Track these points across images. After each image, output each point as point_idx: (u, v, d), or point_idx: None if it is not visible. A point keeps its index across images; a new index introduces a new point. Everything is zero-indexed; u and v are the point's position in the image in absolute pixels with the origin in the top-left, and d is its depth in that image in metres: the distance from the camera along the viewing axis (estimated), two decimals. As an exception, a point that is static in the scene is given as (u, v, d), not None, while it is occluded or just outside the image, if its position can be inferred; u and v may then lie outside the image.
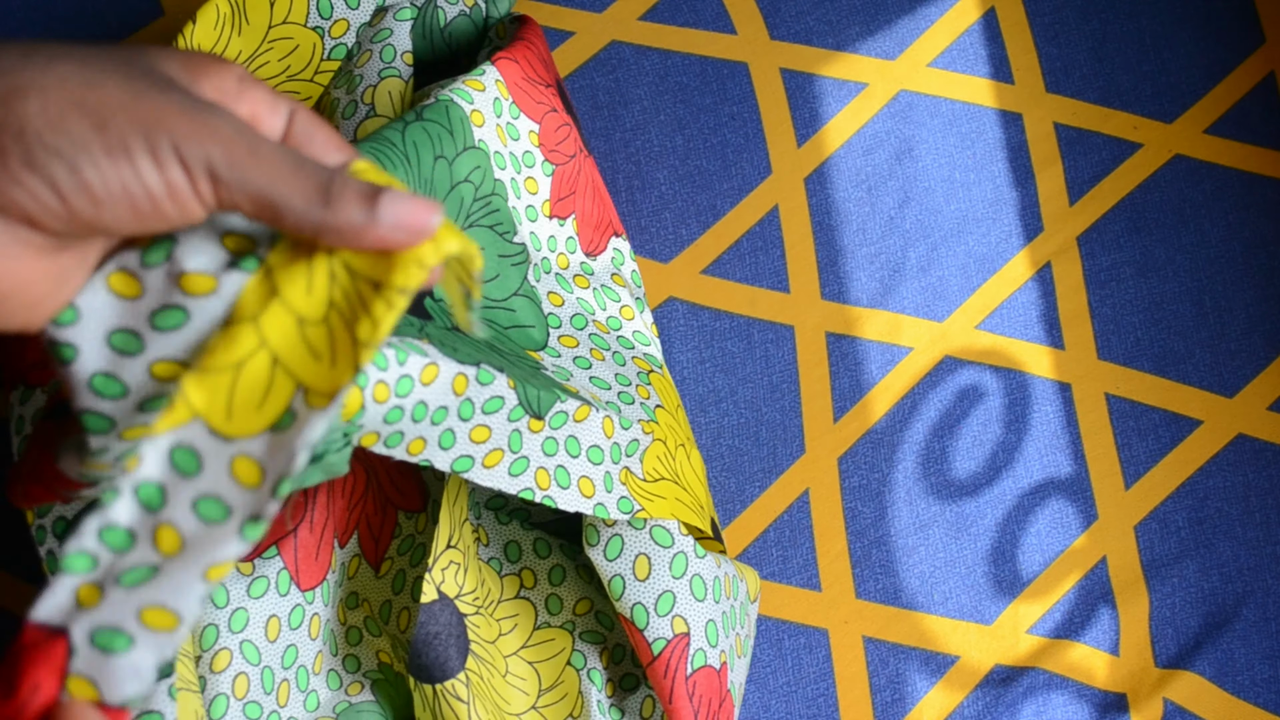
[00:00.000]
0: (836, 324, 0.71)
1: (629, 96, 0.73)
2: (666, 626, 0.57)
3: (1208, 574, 0.68)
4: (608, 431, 0.55)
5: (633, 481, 0.56)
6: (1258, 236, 0.72)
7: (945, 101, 0.74)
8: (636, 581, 0.57)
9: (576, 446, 0.53)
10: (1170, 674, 0.66)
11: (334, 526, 0.62)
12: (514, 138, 0.61)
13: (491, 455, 0.50)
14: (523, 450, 0.51)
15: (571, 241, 0.64)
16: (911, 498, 0.69)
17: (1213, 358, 0.71)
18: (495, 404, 0.50)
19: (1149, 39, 0.74)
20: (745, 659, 0.62)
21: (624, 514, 0.54)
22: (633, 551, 0.57)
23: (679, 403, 0.63)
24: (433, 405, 0.46)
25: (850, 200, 0.72)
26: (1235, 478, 0.69)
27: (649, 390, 0.60)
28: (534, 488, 0.51)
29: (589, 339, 0.61)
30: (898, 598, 0.68)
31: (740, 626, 0.61)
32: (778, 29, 0.74)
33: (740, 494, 0.69)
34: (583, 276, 0.64)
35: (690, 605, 0.57)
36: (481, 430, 0.49)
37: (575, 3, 0.75)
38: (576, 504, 0.52)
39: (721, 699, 0.58)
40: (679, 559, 0.57)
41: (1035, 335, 0.71)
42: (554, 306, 0.62)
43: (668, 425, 0.60)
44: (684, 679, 0.57)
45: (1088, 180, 0.73)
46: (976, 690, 0.66)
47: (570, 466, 0.53)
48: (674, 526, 0.57)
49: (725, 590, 0.59)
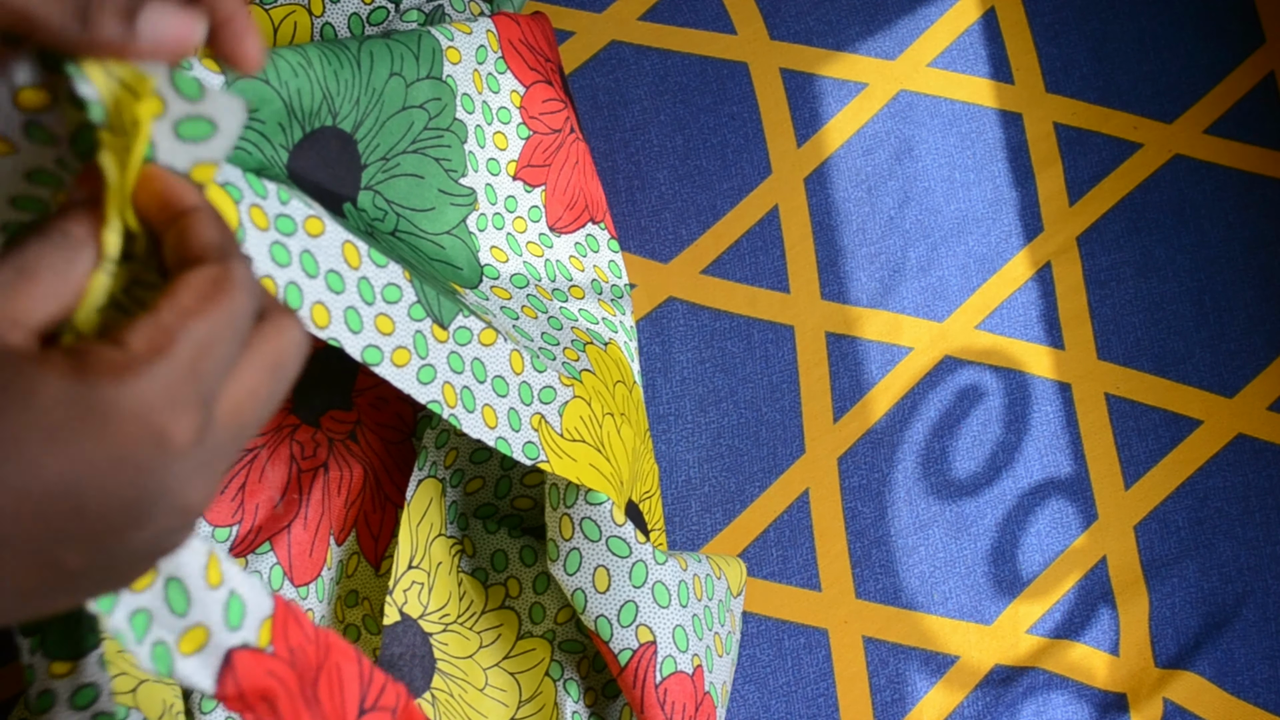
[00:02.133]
0: (836, 324, 0.71)
1: (629, 96, 0.73)
2: (631, 637, 0.56)
3: (1208, 574, 0.68)
4: (515, 366, 0.54)
5: (547, 431, 0.55)
6: (1258, 236, 0.72)
7: (945, 101, 0.74)
8: (597, 594, 0.56)
9: (482, 370, 0.52)
10: (1170, 674, 0.66)
11: (330, 524, 0.62)
12: (493, 89, 0.61)
13: (399, 353, 0.49)
14: (429, 358, 0.50)
15: (536, 211, 0.63)
16: (911, 498, 0.69)
17: (1213, 358, 0.71)
18: (394, 293, 0.49)
19: (1149, 39, 0.74)
20: (729, 656, 0.61)
21: (528, 459, 0.53)
22: (591, 564, 0.56)
23: (623, 380, 0.62)
24: (324, 264, 0.46)
25: (850, 200, 0.72)
26: (1235, 478, 0.69)
27: (580, 355, 0.60)
28: (441, 401, 0.50)
29: (525, 298, 0.61)
30: (898, 598, 0.68)
31: (721, 625, 0.60)
32: (778, 29, 0.74)
33: (740, 494, 0.69)
34: (537, 245, 0.63)
35: (654, 613, 0.57)
36: (385, 320, 0.48)
37: (575, 3, 0.75)
38: (479, 431, 0.51)
39: (699, 701, 0.58)
40: (638, 568, 0.57)
41: (1035, 335, 0.71)
42: (495, 260, 0.61)
43: (596, 390, 0.59)
44: (654, 687, 0.56)
45: (1088, 180, 0.73)
46: (976, 690, 0.66)
47: (476, 390, 0.52)
48: (630, 535, 0.57)
49: (695, 593, 0.59)
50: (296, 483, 0.63)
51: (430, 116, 0.59)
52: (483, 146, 0.61)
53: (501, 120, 0.62)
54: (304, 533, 0.62)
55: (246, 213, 0.43)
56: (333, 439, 0.63)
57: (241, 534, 0.62)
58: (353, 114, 0.55)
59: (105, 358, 0.31)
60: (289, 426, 0.63)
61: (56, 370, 0.31)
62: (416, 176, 0.58)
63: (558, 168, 0.65)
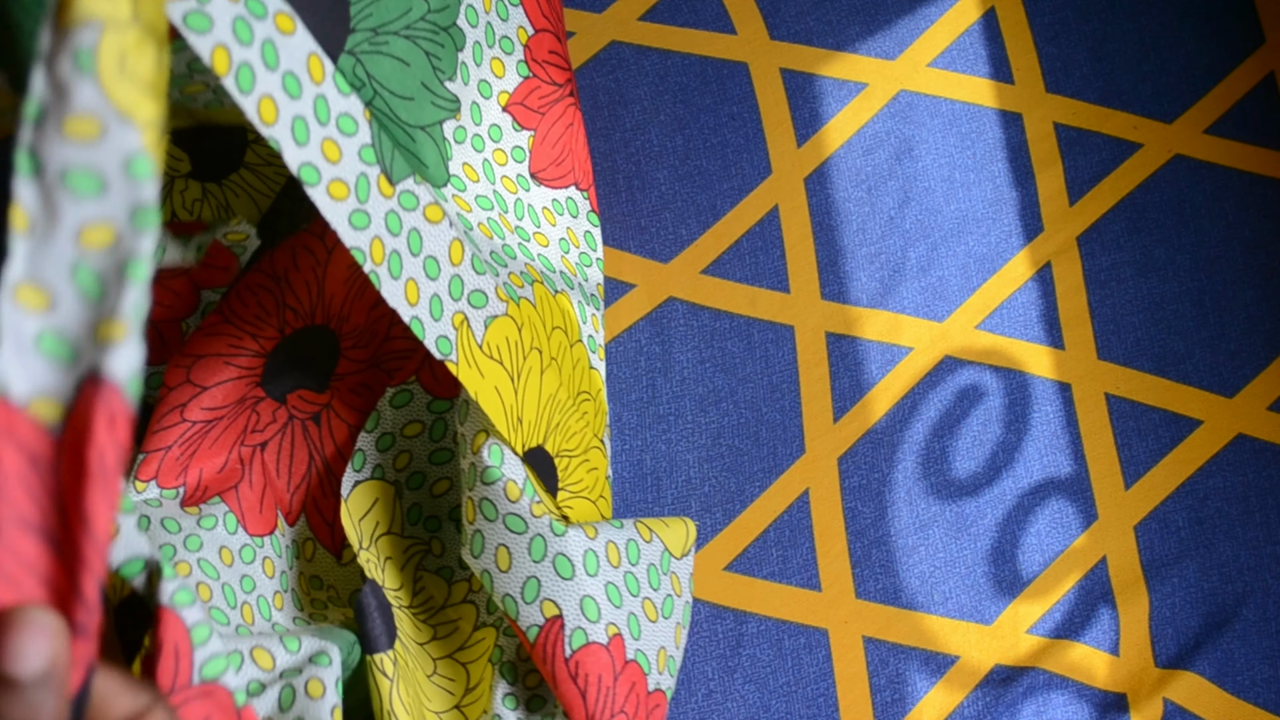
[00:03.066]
0: (836, 324, 0.71)
1: (629, 96, 0.73)
2: (536, 613, 0.55)
3: (1208, 574, 0.68)
4: (454, 255, 0.53)
5: (467, 335, 0.53)
6: (1258, 236, 0.72)
7: (945, 101, 0.74)
8: (500, 573, 0.56)
9: (418, 243, 0.51)
10: (1170, 674, 0.66)
11: (275, 500, 0.62)
12: (501, 16, 0.60)
13: (338, 186, 0.47)
14: (367, 205, 0.48)
15: (520, 152, 0.62)
16: (911, 498, 0.69)
17: (1213, 358, 0.71)
18: (349, 125, 0.47)
19: (1149, 39, 0.74)
20: (670, 619, 0.60)
21: (439, 353, 0.52)
22: (493, 544, 0.56)
23: (564, 329, 0.61)
24: (284, 62, 0.44)
25: (850, 200, 0.72)
26: (1235, 478, 0.69)
27: (525, 285, 0.58)
28: (366, 253, 0.49)
29: (486, 219, 0.60)
30: (898, 598, 0.68)
31: (651, 588, 0.59)
32: (778, 29, 0.74)
33: (740, 494, 0.69)
34: (512, 182, 0.63)
35: (557, 586, 0.55)
36: (333, 147, 0.47)
37: (575, 3, 0.75)
38: (397, 301, 0.50)
39: (618, 671, 0.56)
40: (536, 542, 0.56)
41: (1035, 335, 0.71)
42: (465, 176, 0.60)
43: (530, 321, 0.57)
44: (563, 661, 0.55)
45: (1088, 180, 0.73)
46: (976, 690, 0.66)
47: (406, 260, 0.50)
48: (525, 511, 0.55)
49: (610, 559, 0.57)
50: (238, 456, 0.62)
51: (430, 10, 0.57)
52: (478, 65, 0.60)
53: (503, 49, 0.61)
54: (250, 493, 0.61)
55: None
56: (294, 417, 0.63)
57: (189, 492, 0.61)
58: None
59: None
60: (253, 399, 0.62)
61: None
62: (402, 62, 0.57)
63: (551, 120, 0.64)
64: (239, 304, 0.61)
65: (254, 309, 0.60)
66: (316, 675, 0.54)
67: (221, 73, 0.42)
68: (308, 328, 0.62)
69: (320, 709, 0.53)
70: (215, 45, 0.42)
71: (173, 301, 0.62)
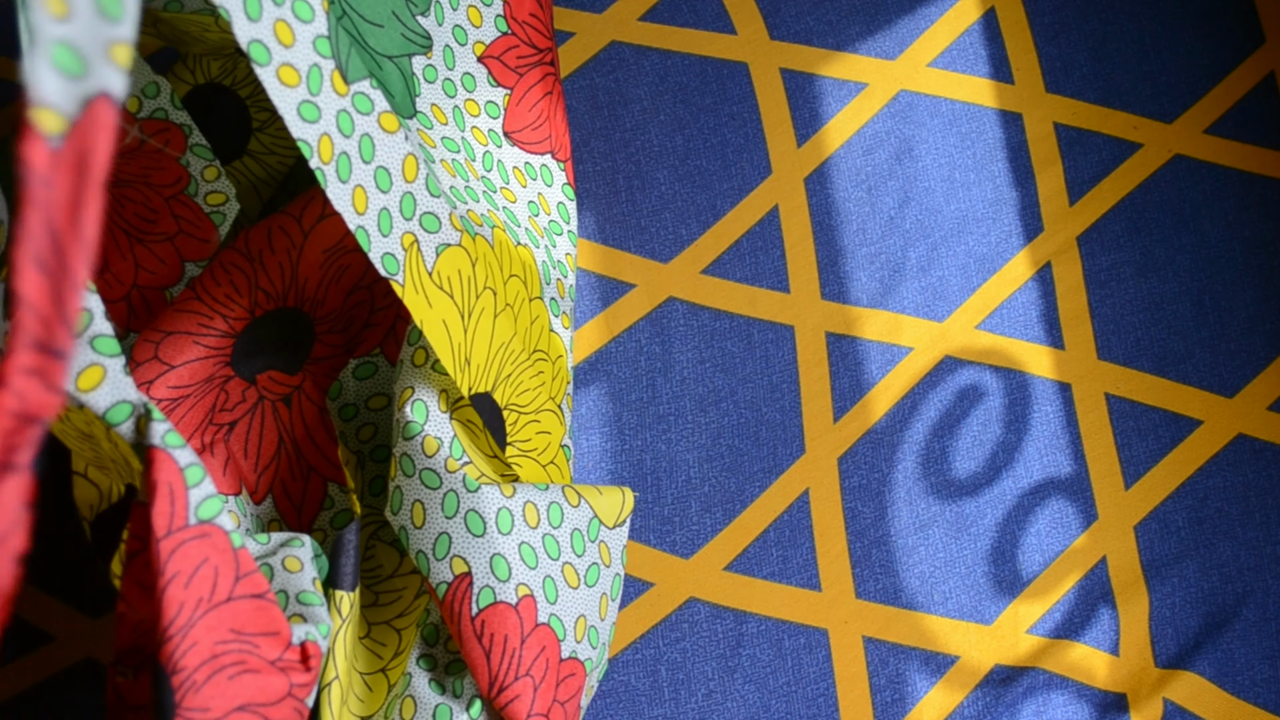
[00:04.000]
0: (836, 324, 0.71)
1: (629, 96, 0.73)
2: (446, 569, 0.54)
3: (1208, 574, 0.68)
4: (408, 172, 0.50)
5: (416, 258, 0.51)
6: (1258, 236, 0.72)
7: (945, 101, 0.74)
8: (415, 529, 0.54)
9: (370, 149, 0.49)
10: (1170, 674, 0.66)
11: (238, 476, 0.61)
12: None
13: (288, 71, 0.45)
14: (319, 98, 0.46)
15: (494, 107, 0.61)
16: (911, 498, 0.69)
17: (1213, 358, 0.71)
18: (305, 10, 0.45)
19: (1149, 39, 0.74)
20: (593, 589, 0.58)
21: (385, 270, 0.50)
22: (409, 500, 0.55)
23: (522, 280, 0.60)
24: None
25: (850, 200, 0.72)
26: (1235, 478, 0.69)
27: (484, 224, 0.56)
28: (314, 149, 0.46)
29: (451, 159, 0.58)
30: (898, 598, 0.68)
31: (574, 554, 0.58)
32: (778, 29, 0.74)
33: (740, 494, 0.69)
34: (483, 134, 0.61)
35: (467, 543, 0.54)
36: (285, 30, 0.45)
37: (575, 3, 0.75)
38: (343, 206, 0.48)
39: (526, 633, 0.55)
40: (450, 498, 0.54)
41: (1035, 335, 0.71)
42: (433, 115, 0.59)
43: (486, 259, 0.55)
44: (469, 619, 0.54)
45: (1088, 180, 0.73)
46: (976, 690, 0.66)
47: (356, 165, 0.48)
48: (440, 466, 0.54)
49: (526, 520, 0.56)
50: (203, 434, 0.61)
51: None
52: (454, 9, 0.59)
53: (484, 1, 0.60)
54: (213, 461, 0.61)
55: None
56: (264, 397, 0.62)
57: None
58: None
59: None
60: (222, 378, 0.61)
61: None
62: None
63: (529, 83, 0.63)
64: (211, 281, 0.60)
65: (225, 288, 0.60)
66: (293, 554, 0.52)
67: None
68: (280, 309, 0.61)
69: (301, 580, 0.51)
70: None
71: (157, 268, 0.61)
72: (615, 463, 0.69)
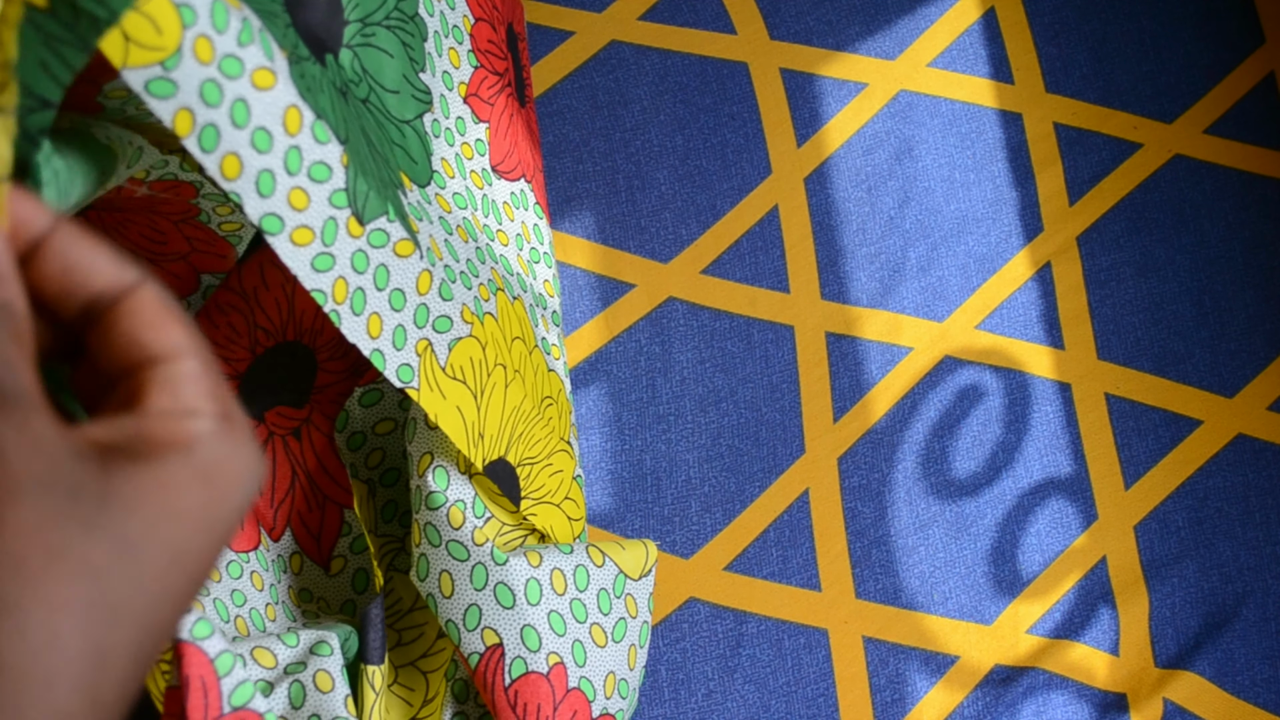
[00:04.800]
0: (836, 324, 0.71)
1: (629, 96, 0.73)
2: (477, 640, 0.56)
3: (1208, 574, 0.68)
4: (421, 286, 0.52)
5: (430, 360, 0.53)
6: (1258, 236, 0.72)
7: (945, 101, 0.74)
8: (444, 599, 0.56)
9: (385, 278, 0.50)
10: (1170, 674, 0.66)
11: (254, 517, 0.62)
12: (449, 5, 0.60)
13: (302, 233, 0.47)
14: (334, 247, 0.48)
15: (481, 145, 0.63)
16: (911, 498, 0.69)
17: (1213, 358, 0.71)
18: (322, 172, 0.47)
19: (1149, 39, 0.74)
20: (623, 643, 0.60)
21: (400, 381, 0.51)
22: (437, 569, 0.56)
23: (522, 338, 0.61)
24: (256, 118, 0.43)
25: (850, 200, 0.72)
26: (1235, 478, 0.69)
27: (491, 297, 0.58)
28: (328, 293, 0.48)
29: (461, 219, 0.60)
30: (898, 598, 0.68)
31: (601, 614, 0.59)
32: (778, 29, 0.74)
33: (740, 494, 0.69)
34: (479, 177, 0.63)
35: (498, 615, 0.56)
36: (300, 195, 0.46)
37: (575, 3, 0.75)
38: (358, 336, 0.49)
39: (558, 700, 0.57)
40: (478, 571, 0.56)
41: (1035, 335, 0.71)
42: (444, 171, 0.60)
43: (494, 337, 0.57)
44: (502, 689, 0.56)
45: (1088, 180, 0.73)
46: (976, 690, 0.66)
47: (370, 295, 0.50)
48: (468, 538, 0.55)
49: (555, 587, 0.57)
50: None
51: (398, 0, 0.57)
52: (440, 55, 0.60)
53: (455, 39, 0.61)
54: None
55: (191, 41, 0.40)
56: (274, 433, 0.63)
57: None
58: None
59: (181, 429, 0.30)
60: None
61: (173, 458, 0.30)
62: (387, 53, 0.56)
63: (499, 111, 0.64)
64: (209, 325, 0.60)
65: (224, 330, 0.60)
66: (322, 668, 0.54)
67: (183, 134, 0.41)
68: (280, 345, 0.61)
69: (333, 702, 0.53)
70: (178, 109, 0.41)
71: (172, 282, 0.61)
72: (615, 463, 0.69)
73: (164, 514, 0.30)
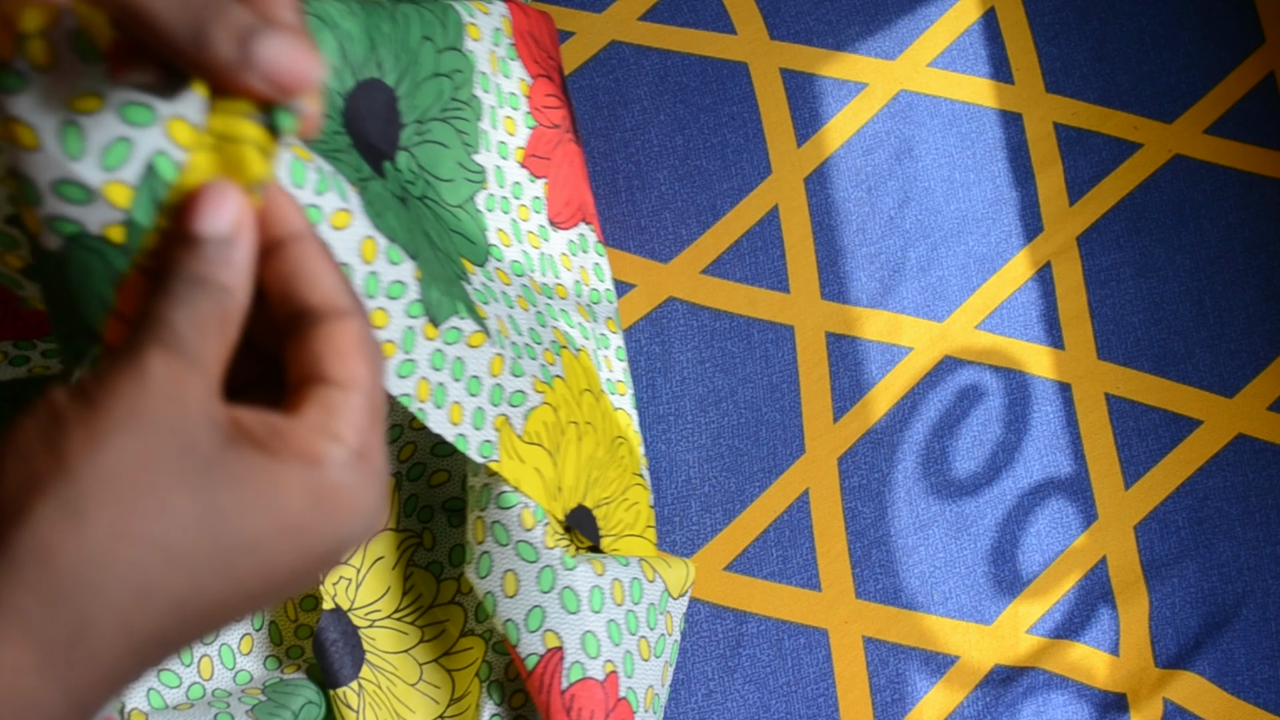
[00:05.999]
0: (836, 324, 0.71)
1: (629, 96, 0.73)
2: (538, 642, 0.56)
3: (1208, 574, 0.68)
4: (494, 369, 0.54)
5: (508, 433, 0.55)
6: (1258, 236, 0.72)
7: (945, 101, 0.74)
8: (506, 598, 0.56)
9: (461, 370, 0.53)
10: (1170, 674, 0.66)
11: None
12: (505, 74, 0.62)
13: (386, 346, 0.49)
14: (413, 353, 0.50)
15: (538, 202, 0.64)
16: (911, 498, 0.69)
17: (1213, 358, 0.71)
18: (398, 289, 0.49)
19: (1149, 39, 0.74)
20: (660, 659, 0.61)
21: (481, 457, 0.53)
22: (500, 568, 0.56)
23: (590, 389, 0.62)
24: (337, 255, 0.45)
25: (850, 200, 0.72)
26: (1235, 478, 0.69)
27: (555, 359, 0.60)
28: (413, 395, 0.51)
29: (520, 288, 0.61)
30: (898, 598, 0.68)
31: (648, 628, 0.60)
32: (778, 29, 0.74)
33: (740, 494, 0.69)
34: (536, 236, 0.64)
35: (562, 619, 0.56)
36: (381, 314, 0.49)
37: (575, 3, 0.75)
38: (442, 427, 0.52)
39: (610, 708, 0.57)
40: (546, 574, 0.56)
41: (1035, 335, 0.71)
42: (500, 243, 0.61)
43: (564, 398, 0.59)
44: (559, 693, 0.56)
45: (1088, 180, 0.73)
46: (976, 690, 0.66)
47: (450, 387, 0.52)
48: (539, 540, 0.56)
49: (613, 598, 0.58)
50: None
51: (455, 86, 0.59)
52: (494, 128, 0.61)
53: (511, 106, 0.62)
54: None
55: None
56: None
57: None
58: (394, 70, 0.55)
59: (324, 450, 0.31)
60: None
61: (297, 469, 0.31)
62: (442, 145, 0.59)
63: (558, 163, 0.65)
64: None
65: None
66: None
67: None
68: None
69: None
70: None
71: None
72: (615, 463, 0.70)
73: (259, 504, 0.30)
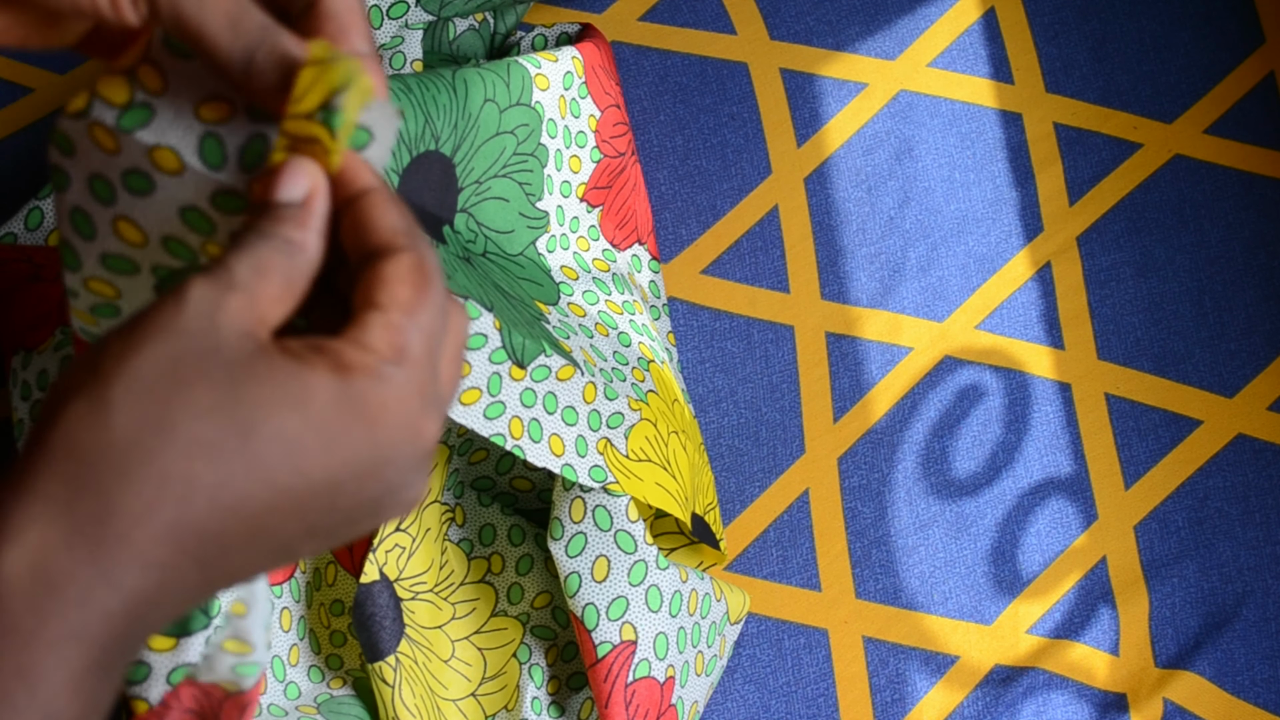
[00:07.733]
0: (836, 324, 0.71)
1: (629, 97, 0.73)
2: (615, 631, 0.57)
3: (1208, 574, 0.68)
4: (588, 396, 0.55)
5: (613, 454, 0.56)
6: (1258, 236, 0.72)
7: (945, 101, 0.74)
8: (593, 582, 0.57)
9: (554, 403, 0.54)
10: (1170, 674, 0.66)
11: None
12: (574, 114, 0.63)
13: (469, 393, 0.51)
14: (501, 395, 0.52)
15: (594, 230, 0.65)
16: (911, 498, 0.69)
17: (1213, 358, 0.71)
18: (478, 340, 0.51)
19: (1149, 39, 0.74)
20: (709, 678, 0.62)
21: (595, 482, 0.54)
22: (594, 552, 0.57)
23: (679, 397, 0.64)
24: None
25: (850, 200, 0.72)
26: (1235, 478, 0.69)
27: (645, 375, 0.61)
28: (506, 434, 0.52)
29: (597, 314, 0.62)
30: (898, 598, 0.68)
31: (706, 645, 0.61)
32: (778, 29, 0.74)
33: (740, 494, 0.69)
34: (602, 260, 0.65)
35: (642, 614, 0.57)
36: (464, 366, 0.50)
37: (575, 3, 0.75)
38: (544, 459, 0.53)
39: (661, 712, 0.58)
40: (639, 567, 0.57)
41: (1035, 335, 0.71)
42: (567, 278, 0.63)
43: (660, 411, 0.60)
44: (624, 686, 0.57)
45: (1088, 180, 0.73)
46: (976, 690, 0.66)
47: (544, 421, 0.53)
48: (640, 534, 0.57)
49: (688, 606, 0.59)
50: None
51: (519, 141, 0.60)
52: (559, 170, 0.63)
53: (579, 144, 0.64)
54: None
55: None
56: None
57: None
58: (452, 138, 0.57)
59: (358, 359, 0.31)
60: None
61: (325, 372, 0.31)
62: (502, 200, 0.60)
63: (616, 189, 0.67)
64: None
65: None
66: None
67: None
68: None
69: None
70: None
71: None
72: (615, 463, 0.70)
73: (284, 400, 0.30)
